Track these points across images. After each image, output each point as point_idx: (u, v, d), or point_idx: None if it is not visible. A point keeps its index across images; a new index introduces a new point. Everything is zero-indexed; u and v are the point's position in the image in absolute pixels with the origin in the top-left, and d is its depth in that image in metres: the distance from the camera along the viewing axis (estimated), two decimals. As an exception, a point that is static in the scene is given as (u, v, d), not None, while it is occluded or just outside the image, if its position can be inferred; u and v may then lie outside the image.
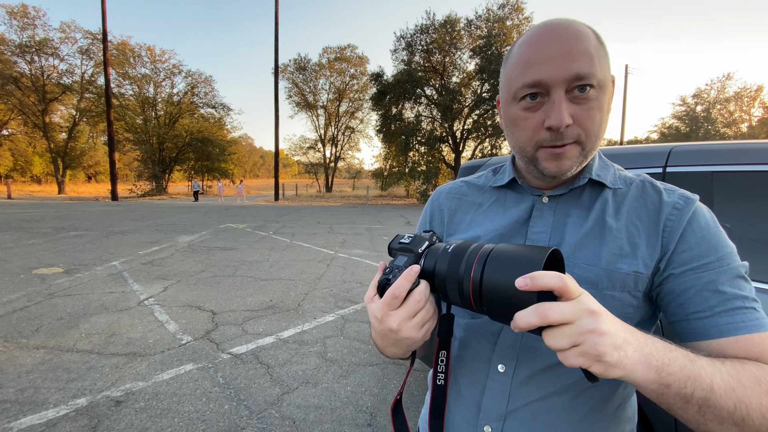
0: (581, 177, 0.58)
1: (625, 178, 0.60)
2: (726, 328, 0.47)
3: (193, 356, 2.94)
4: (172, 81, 33.39)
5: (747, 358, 0.45)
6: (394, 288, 0.47)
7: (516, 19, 21.55)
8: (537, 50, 0.50)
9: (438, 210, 0.72)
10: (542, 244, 0.57)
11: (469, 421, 0.59)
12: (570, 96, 0.50)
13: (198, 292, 4.59)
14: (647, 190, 0.57)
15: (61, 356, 2.89)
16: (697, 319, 0.49)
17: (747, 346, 0.46)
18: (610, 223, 0.55)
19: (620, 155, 1.61)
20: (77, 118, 31.49)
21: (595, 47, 0.50)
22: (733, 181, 1.33)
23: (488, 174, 0.71)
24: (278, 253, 6.98)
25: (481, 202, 0.68)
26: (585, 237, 0.55)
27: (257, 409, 2.29)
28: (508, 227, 0.61)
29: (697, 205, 0.54)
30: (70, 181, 38.31)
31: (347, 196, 29.57)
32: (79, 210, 15.11)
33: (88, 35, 28.65)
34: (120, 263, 5.98)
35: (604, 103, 0.52)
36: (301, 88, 34.48)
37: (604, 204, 0.57)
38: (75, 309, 3.91)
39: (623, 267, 0.52)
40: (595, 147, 0.53)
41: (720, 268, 0.49)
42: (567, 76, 0.48)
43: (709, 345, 0.48)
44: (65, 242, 7.69)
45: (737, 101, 34.13)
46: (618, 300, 0.52)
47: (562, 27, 0.50)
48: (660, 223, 0.53)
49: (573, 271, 0.54)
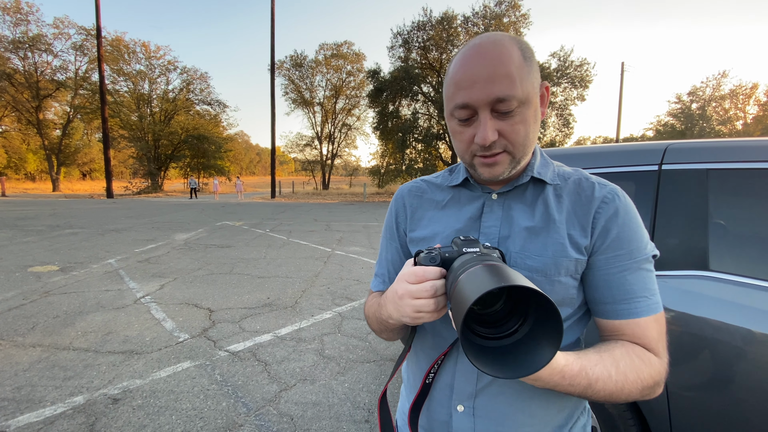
0: (524, 175, 0.65)
1: (563, 174, 0.67)
2: (622, 313, 0.59)
3: (190, 354, 2.94)
4: (167, 77, 33.12)
5: (632, 336, 0.59)
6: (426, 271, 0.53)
7: (513, 15, 21.56)
8: (465, 72, 0.56)
9: (402, 207, 0.77)
10: (493, 237, 0.64)
11: (443, 403, 0.66)
12: (495, 114, 0.56)
13: (195, 289, 4.58)
14: (582, 185, 0.64)
15: (57, 354, 2.88)
16: (604, 303, 0.61)
17: (633, 328, 0.59)
18: (553, 217, 0.62)
19: (617, 153, 1.62)
20: (71, 115, 31.22)
21: (518, 66, 0.55)
22: (727, 178, 1.34)
23: (445, 174, 0.77)
24: (275, 251, 6.97)
25: (439, 199, 0.74)
26: (532, 230, 0.62)
27: (255, 407, 2.29)
28: (464, 223, 0.68)
29: (622, 200, 0.62)
30: (65, 178, 38.04)
31: (344, 194, 29.53)
32: (74, 207, 15.01)
33: (82, 31, 28.37)
34: (116, 261, 5.96)
35: (529, 116, 0.58)
36: (298, 85, 34.24)
37: (546, 199, 0.64)
38: (71, 307, 3.90)
39: (566, 255, 0.60)
40: (525, 154, 0.60)
41: (630, 259, 0.59)
42: (489, 99, 0.55)
43: (608, 323, 0.61)
44: (60, 240, 7.64)
45: (732, 99, 34.37)
46: (564, 284, 0.60)
47: (487, 50, 0.55)
48: (591, 214, 0.61)
49: (525, 263, 0.61)
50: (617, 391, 0.54)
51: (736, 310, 1.20)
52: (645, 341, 0.59)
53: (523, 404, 0.61)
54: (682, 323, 1.28)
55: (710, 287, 1.27)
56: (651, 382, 0.56)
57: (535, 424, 0.62)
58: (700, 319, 1.25)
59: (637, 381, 0.55)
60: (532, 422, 0.62)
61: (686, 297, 1.29)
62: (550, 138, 22.17)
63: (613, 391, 0.54)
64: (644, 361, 0.57)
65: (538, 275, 0.60)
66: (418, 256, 0.56)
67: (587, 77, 21.35)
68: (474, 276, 0.43)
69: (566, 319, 0.63)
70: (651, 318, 0.59)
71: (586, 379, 0.52)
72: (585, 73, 21.32)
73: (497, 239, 0.64)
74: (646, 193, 1.47)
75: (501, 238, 0.63)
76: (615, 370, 0.54)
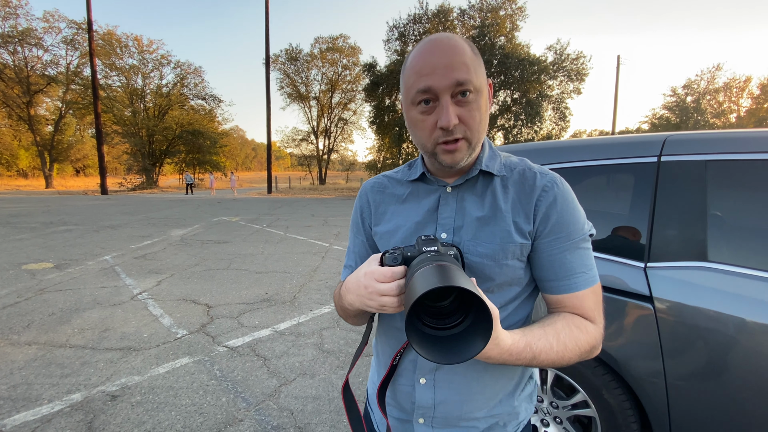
0: (473, 168, 0.70)
1: (510, 165, 0.73)
2: (563, 288, 0.68)
3: (188, 350, 2.93)
4: (160, 72, 32.61)
5: (573, 307, 0.68)
6: (393, 272, 0.58)
7: (509, 8, 21.45)
8: (425, 62, 0.61)
9: (366, 203, 0.82)
10: (449, 228, 0.70)
11: (407, 376, 0.73)
12: (455, 100, 0.61)
13: (192, 285, 4.56)
14: (526, 175, 0.70)
15: (54, 352, 2.86)
16: (548, 281, 0.69)
17: (573, 301, 0.68)
18: (500, 206, 0.68)
19: (616, 145, 1.61)
20: (63, 111, 30.76)
21: (471, 59, 0.61)
22: (725, 169, 1.33)
23: (404, 169, 0.82)
24: (272, 246, 6.95)
25: (399, 194, 0.79)
26: (483, 220, 0.68)
27: (255, 401, 2.29)
28: (423, 215, 0.73)
29: (560, 187, 0.69)
30: (58, 174, 37.50)
31: (341, 189, 29.45)
32: (68, 204, 14.87)
33: (72, 25, 27.82)
34: (112, 257, 5.92)
35: (482, 104, 0.63)
36: (293, 79, 33.89)
37: (494, 190, 0.70)
38: (67, 304, 3.87)
39: (512, 241, 0.67)
40: (479, 141, 0.66)
41: (569, 241, 0.67)
42: (450, 83, 0.59)
43: (552, 297, 0.70)
44: (55, 237, 7.57)
45: (726, 92, 34.49)
46: (511, 266, 0.67)
47: (444, 43, 0.61)
48: (533, 202, 0.68)
49: (476, 249, 0.67)
50: (558, 359, 0.63)
51: (735, 301, 1.21)
52: (583, 311, 0.68)
53: (476, 375, 0.70)
54: (681, 314, 1.29)
55: (709, 278, 1.27)
56: (587, 347, 0.65)
57: (486, 392, 0.71)
58: (699, 309, 1.25)
59: (575, 348, 0.64)
60: (484, 391, 0.71)
61: (685, 288, 1.30)
62: (546, 131, 22.16)
63: (555, 360, 0.62)
64: (582, 330, 0.65)
65: (488, 260, 0.67)
66: (384, 256, 0.62)
67: (583, 71, 21.28)
68: (423, 275, 0.48)
69: (516, 297, 0.71)
70: (588, 290, 0.68)
71: (531, 353, 0.60)
72: (581, 66, 21.25)
73: (452, 229, 0.70)
74: (646, 184, 1.46)
75: (456, 228, 0.70)
76: (556, 342, 0.62)
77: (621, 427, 1.47)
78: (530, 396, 0.79)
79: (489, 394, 0.71)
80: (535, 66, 20.27)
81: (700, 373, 1.26)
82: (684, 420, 1.31)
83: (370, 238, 0.82)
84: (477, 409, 0.71)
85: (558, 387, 1.71)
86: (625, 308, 1.41)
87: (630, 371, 1.41)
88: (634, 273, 1.41)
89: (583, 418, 1.66)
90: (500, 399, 0.72)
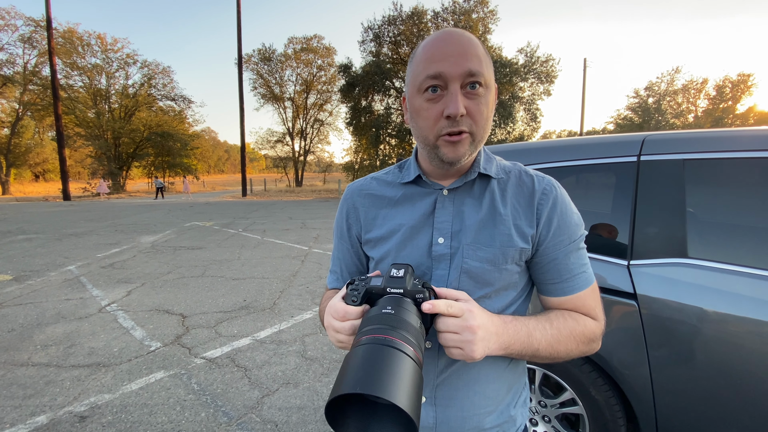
0: (471, 171, 0.69)
1: (505, 168, 0.72)
2: (565, 290, 0.68)
3: (163, 363, 2.79)
4: (126, 72, 31.32)
5: (575, 307, 0.68)
6: (346, 311, 0.58)
7: (481, 12, 21.80)
8: (438, 49, 0.59)
9: (353, 208, 0.79)
10: (446, 232, 0.68)
11: None
12: (464, 92, 0.59)
13: (165, 294, 4.36)
14: (523, 178, 0.70)
15: (15, 371, 2.66)
16: (550, 283, 0.69)
17: (574, 301, 0.68)
18: (499, 210, 0.67)
19: (597, 145, 1.64)
20: (21, 112, 29.01)
21: (483, 54, 0.60)
22: (702, 168, 1.38)
23: (395, 170, 0.79)
24: (249, 251, 6.77)
25: (391, 196, 0.75)
26: (481, 223, 0.67)
27: (236, 415, 2.20)
28: (418, 219, 0.71)
29: (558, 191, 0.69)
30: (15, 180, 35.32)
31: (318, 190, 29.13)
32: (27, 211, 14.01)
33: (30, 22, 26.29)
34: (76, 267, 5.60)
35: (490, 101, 0.62)
36: (267, 80, 33.25)
37: (492, 193, 0.69)
38: (28, 319, 3.62)
39: (513, 245, 0.66)
40: (482, 139, 0.64)
41: (570, 243, 0.67)
42: (462, 71, 0.58)
43: (553, 299, 0.70)
44: (13, 247, 7.10)
45: (684, 93, 36.35)
46: (509, 271, 0.67)
47: (458, 34, 0.60)
48: (533, 205, 0.67)
49: (476, 254, 0.66)
50: (555, 343, 0.63)
51: (715, 295, 1.24)
52: (585, 310, 0.68)
53: (480, 388, 0.68)
54: (664, 310, 1.31)
55: (689, 274, 1.30)
56: (584, 338, 0.65)
57: (489, 405, 0.69)
58: (681, 304, 1.28)
59: (570, 336, 0.64)
60: (487, 404, 0.69)
61: (667, 284, 1.32)
62: (519, 132, 22.69)
63: (551, 342, 0.63)
64: (577, 321, 0.66)
65: (488, 264, 0.66)
66: (348, 286, 0.60)
67: (553, 73, 21.92)
68: (355, 361, 0.44)
69: (512, 302, 0.70)
70: (588, 289, 0.68)
71: (525, 330, 0.62)
72: (551, 68, 21.87)
73: (450, 233, 0.68)
74: (626, 183, 1.49)
75: (453, 232, 0.68)
76: (549, 325, 0.64)
77: (609, 423, 1.49)
78: (525, 401, 0.79)
79: (491, 406, 0.70)
80: (507, 68, 20.72)
81: (683, 367, 1.29)
82: (669, 413, 1.34)
83: (356, 245, 0.79)
84: (479, 423, 0.69)
85: (546, 386, 1.72)
86: (610, 306, 1.43)
87: (616, 368, 1.43)
88: (618, 271, 1.43)
89: (571, 416, 1.68)
90: (501, 410, 0.71)
